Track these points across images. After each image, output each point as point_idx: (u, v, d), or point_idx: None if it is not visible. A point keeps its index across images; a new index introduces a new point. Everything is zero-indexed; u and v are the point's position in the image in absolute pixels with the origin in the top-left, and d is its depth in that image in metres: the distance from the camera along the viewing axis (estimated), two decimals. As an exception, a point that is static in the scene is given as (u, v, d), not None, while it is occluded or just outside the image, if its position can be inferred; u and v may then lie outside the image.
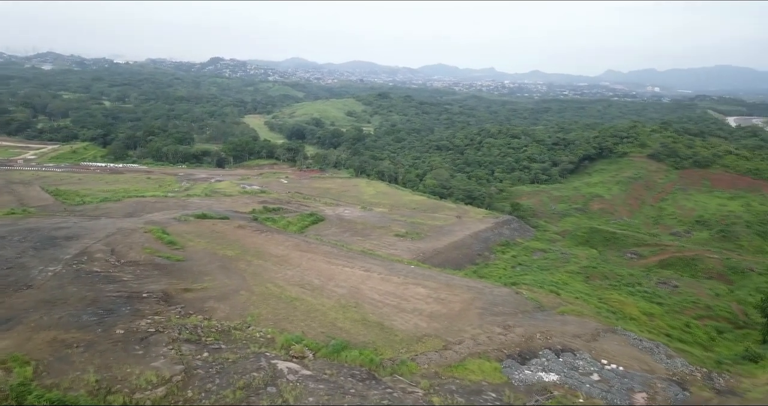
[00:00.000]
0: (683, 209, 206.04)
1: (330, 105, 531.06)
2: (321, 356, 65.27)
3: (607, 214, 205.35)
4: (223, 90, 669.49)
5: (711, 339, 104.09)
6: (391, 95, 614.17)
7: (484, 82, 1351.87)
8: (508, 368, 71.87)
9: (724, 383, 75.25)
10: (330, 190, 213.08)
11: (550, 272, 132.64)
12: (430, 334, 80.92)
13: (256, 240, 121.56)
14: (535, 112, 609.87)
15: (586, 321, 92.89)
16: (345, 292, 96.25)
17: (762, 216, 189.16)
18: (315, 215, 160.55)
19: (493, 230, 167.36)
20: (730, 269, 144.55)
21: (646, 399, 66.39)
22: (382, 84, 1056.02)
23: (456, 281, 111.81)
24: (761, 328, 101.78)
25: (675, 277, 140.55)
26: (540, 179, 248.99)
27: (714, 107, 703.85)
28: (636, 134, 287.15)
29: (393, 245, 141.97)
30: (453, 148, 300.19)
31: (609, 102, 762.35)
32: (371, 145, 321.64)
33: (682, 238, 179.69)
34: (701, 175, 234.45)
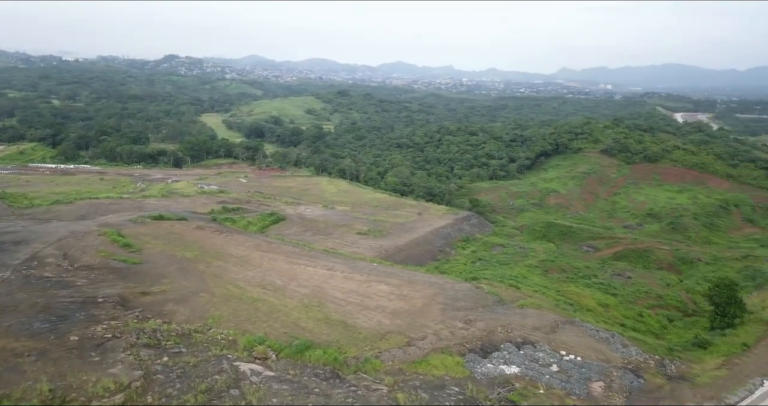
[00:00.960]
0: (635, 203, 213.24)
1: (289, 103, 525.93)
2: (284, 356, 64.94)
3: (563, 208, 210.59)
4: (179, 88, 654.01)
5: (663, 327, 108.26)
6: (351, 93, 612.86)
7: (442, 80, 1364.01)
8: (470, 362, 73.14)
9: (676, 370, 78.60)
10: (291, 189, 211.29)
11: (509, 266, 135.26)
12: (393, 331, 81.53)
13: (215, 241, 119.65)
14: (492, 109, 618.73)
15: (545, 314, 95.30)
16: (308, 291, 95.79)
17: (708, 208, 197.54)
18: (276, 215, 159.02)
19: (453, 226, 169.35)
20: (680, 259, 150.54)
21: (603, 388, 68.73)
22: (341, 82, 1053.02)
23: (418, 277, 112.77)
24: (709, 315, 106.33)
25: (629, 268, 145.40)
26: (498, 175, 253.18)
27: (663, 104, 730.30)
28: (590, 130, 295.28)
29: (355, 243, 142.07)
30: (413, 145, 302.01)
31: (564, 99, 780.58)
32: (332, 143, 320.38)
33: (634, 230, 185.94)
34: (651, 170, 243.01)
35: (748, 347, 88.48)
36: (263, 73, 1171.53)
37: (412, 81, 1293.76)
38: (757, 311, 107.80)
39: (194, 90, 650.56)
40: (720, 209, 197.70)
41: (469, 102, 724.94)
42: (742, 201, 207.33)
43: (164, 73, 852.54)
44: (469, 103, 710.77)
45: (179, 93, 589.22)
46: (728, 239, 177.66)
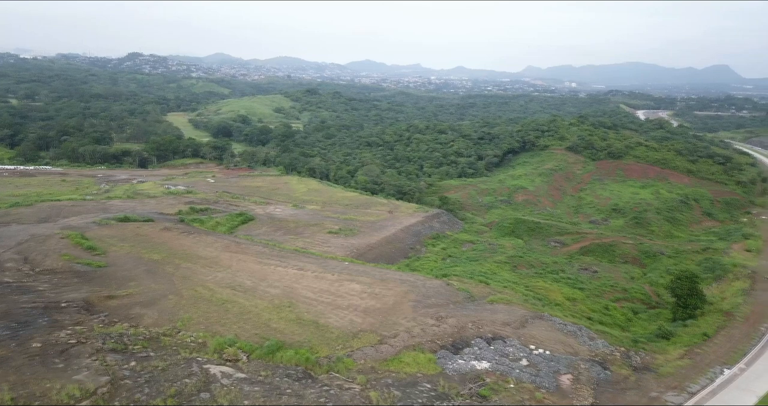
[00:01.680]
0: (600, 198, 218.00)
1: (257, 102, 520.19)
2: (255, 357, 64.49)
3: (531, 205, 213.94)
4: (144, 87, 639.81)
5: (628, 320, 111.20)
6: (320, 91, 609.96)
7: (411, 78, 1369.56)
8: (442, 359, 73.95)
9: (641, 361, 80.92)
10: (260, 188, 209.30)
11: (479, 262, 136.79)
12: (365, 329, 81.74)
13: (183, 242, 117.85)
14: (461, 107, 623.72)
15: (515, 309, 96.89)
16: (278, 292, 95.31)
17: (669, 203, 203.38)
18: (245, 215, 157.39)
19: (423, 223, 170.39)
20: (643, 253, 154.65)
21: (571, 380, 70.29)
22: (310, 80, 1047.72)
23: (390, 275, 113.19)
24: (671, 307, 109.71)
25: (595, 263, 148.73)
26: (467, 173, 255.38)
27: (625, 101, 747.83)
28: (556, 128, 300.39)
29: (326, 242, 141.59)
30: (383, 144, 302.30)
31: (530, 97, 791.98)
32: (301, 142, 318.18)
33: (600, 225, 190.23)
34: (615, 166, 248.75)
35: (709, 337, 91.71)
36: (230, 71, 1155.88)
37: (380, 79, 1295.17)
38: (717, 302, 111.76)
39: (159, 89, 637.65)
40: (681, 204, 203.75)
41: (437, 100, 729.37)
42: (701, 196, 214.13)
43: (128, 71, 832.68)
44: (437, 101, 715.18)
45: (144, 92, 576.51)
46: (689, 233, 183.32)
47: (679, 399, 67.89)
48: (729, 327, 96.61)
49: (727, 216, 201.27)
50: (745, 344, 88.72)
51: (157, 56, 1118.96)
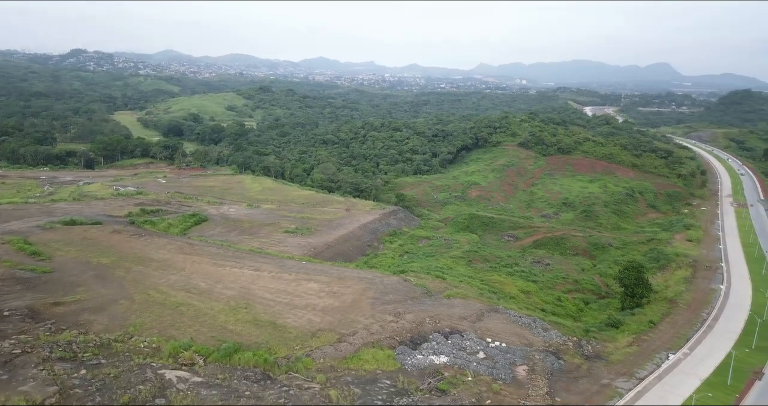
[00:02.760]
0: (551, 193, 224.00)
1: (209, 99, 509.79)
2: (212, 360, 63.58)
3: (484, 200, 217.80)
4: (88, 85, 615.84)
5: (579, 310, 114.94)
6: (273, 89, 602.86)
7: (365, 76, 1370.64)
8: (401, 355, 74.82)
9: (592, 349, 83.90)
10: (213, 188, 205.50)
11: (435, 258, 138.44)
12: (324, 328, 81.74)
13: (134, 245, 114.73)
14: (415, 105, 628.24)
15: (471, 303, 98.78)
16: (234, 293, 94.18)
17: (616, 196, 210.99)
18: (198, 215, 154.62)
19: (380, 220, 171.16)
20: (593, 245, 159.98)
21: (526, 371, 72.31)
22: (263, 77, 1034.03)
23: (348, 273, 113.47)
24: (620, 297, 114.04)
25: (547, 256, 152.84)
26: (422, 170, 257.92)
27: (573, 98, 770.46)
28: (507, 124, 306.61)
29: (283, 241, 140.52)
30: (338, 141, 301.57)
31: (482, 94, 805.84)
32: (255, 140, 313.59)
33: (551, 219, 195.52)
34: (565, 161, 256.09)
35: (655, 324, 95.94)
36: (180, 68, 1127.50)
37: (335, 76, 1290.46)
38: (662, 290, 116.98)
39: (105, 87, 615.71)
40: (627, 197, 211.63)
41: (392, 98, 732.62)
42: (646, 188, 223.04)
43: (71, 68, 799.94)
44: (392, 98, 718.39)
45: (89, 90, 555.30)
46: (635, 224, 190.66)
47: (628, 385, 70.88)
48: (673, 314, 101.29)
49: (670, 208, 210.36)
50: (688, 329, 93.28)
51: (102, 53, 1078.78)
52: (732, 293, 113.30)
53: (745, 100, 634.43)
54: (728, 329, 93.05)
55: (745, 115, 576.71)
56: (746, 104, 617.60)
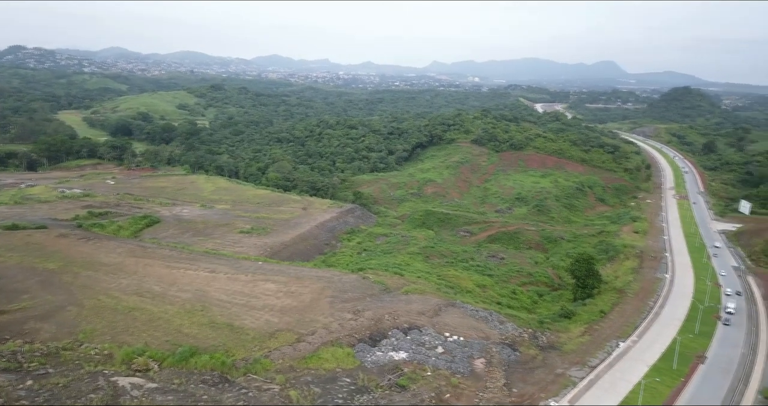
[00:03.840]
0: (504, 188, 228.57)
1: (159, 98, 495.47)
2: (168, 365, 62.16)
3: (440, 197, 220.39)
4: (29, 83, 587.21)
5: (534, 302, 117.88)
6: (226, 87, 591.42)
7: (319, 74, 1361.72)
8: (360, 352, 75.08)
9: (546, 340, 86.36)
10: (165, 189, 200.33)
11: (393, 255, 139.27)
12: (282, 328, 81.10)
13: (82, 249, 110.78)
14: (370, 102, 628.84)
15: (429, 298, 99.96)
16: (190, 296, 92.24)
17: (567, 190, 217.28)
18: (150, 217, 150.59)
19: (338, 219, 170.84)
20: (545, 238, 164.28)
21: (484, 364, 73.82)
22: (214, 75, 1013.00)
23: (305, 272, 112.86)
24: (572, 288, 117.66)
25: (502, 250, 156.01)
26: (378, 168, 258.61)
27: (524, 95, 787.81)
28: (461, 121, 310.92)
29: (238, 242, 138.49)
30: (294, 139, 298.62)
31: (436, 92, 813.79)
32: (207, 140, 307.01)
33: (505, 214, 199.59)
34: (517, 157, 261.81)
35: (605, 314, 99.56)
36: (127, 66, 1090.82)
37: (288, 74, 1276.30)
38: (611, 281, 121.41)
39: (47, 85, 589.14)
40: (577, 191, 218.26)
41: (347, 95, 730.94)
42: (594, 183, 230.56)
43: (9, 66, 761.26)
44: (347, 96, 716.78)
45: (29, 88, 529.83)
46: (585, 218, 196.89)
47: (581, 373, 73.35)
48: (622, 303, 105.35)
49: (617, 201, 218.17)
50: (636, 318, 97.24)
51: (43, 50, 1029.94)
52: (676, 281, 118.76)
53: (684, 96, 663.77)
54: (673, 316, 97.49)
55: (685, 111, 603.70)
56: (686, 101, 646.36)
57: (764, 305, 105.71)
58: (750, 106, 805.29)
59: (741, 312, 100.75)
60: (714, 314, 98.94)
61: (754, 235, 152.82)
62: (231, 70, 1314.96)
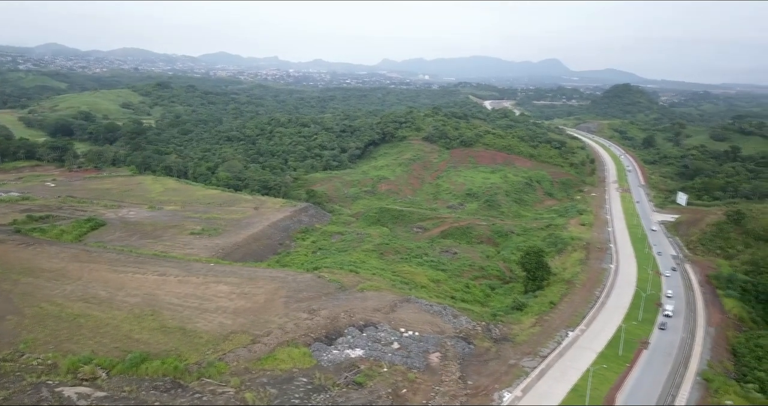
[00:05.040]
0: (456, 184, 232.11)
1: (101, 97, 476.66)
2: (117, 373, 60.31)
3: (393, 194, 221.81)
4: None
5: (486, 296, 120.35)
6: (172, 85, 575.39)
7: (269, 71, 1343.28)
8: (316, 351, 74.91)
9: (499, 332, 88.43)
10: (110, 190, 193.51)
11: (348, 253, 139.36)
12: (236, 330, 79.98)
13: (21, 255, 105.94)
14: (321, 100, 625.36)
15: (384, 294, 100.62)
16: (139, 300, 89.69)
17: (516, 186, 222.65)
18: (94, 220, 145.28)
19: (291, 218, 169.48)
20: (496, 233, 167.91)
21: (439, 358, 74.97)
22: (160, 73, 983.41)
23: (259, 273, 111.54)
24: (523, 280, 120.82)
25: (454, 245, 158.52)
26: (331, 166, 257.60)
27: (473, 93, 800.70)
28: (412, 119, 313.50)
29: (189, 244, 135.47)
30: (244, 138, 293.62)
31: (387, 90, 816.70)
32: (154, 139, 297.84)
33: (457, 210, 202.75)
34: (467, 154, 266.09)
35: (555, 305, 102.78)
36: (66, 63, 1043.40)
37: (237, 72, 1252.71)
38: (560, 273, 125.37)
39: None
40: (526, 186, 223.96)
41: (297, 93, 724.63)
42: (542, 177, 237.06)
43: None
44: (297, 94, 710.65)
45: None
46: (534, 212, 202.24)
47: (533, 363, 75.53)
48: (570, 294, 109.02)
49: (564, 195, 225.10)
50: (584, 307, 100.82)
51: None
52: (620, 271, 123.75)
53: (625, 93, 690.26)
54: (618, 304, 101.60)
55: (626, 107, 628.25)
56: (626, 97, 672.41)
57: (701, 291, 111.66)
58: (685, 102, 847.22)
59: (680, 298, 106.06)
60: (656, 301, 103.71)
61: (691, 225, 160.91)
62: (177, 68, 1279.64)
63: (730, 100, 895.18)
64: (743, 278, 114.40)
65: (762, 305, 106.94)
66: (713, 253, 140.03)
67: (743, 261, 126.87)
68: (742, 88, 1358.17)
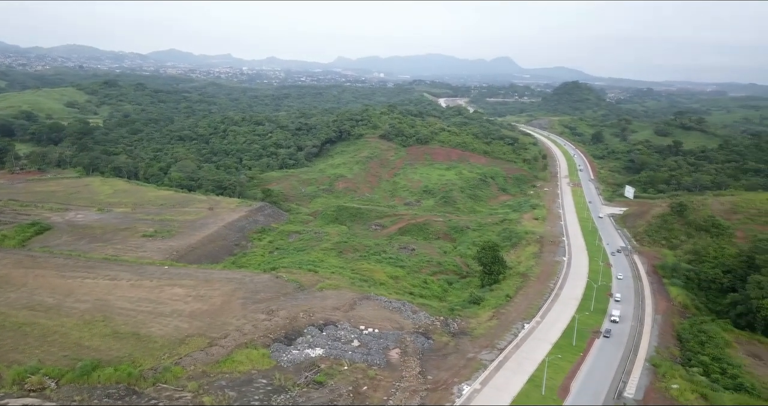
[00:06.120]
0: (412, 182, 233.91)
1: (44, 95, 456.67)
2: (67, 382, 58.18)
3: (351, 192, 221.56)
4: None
5: (444, 291, 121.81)
6: (120, 83, 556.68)
7: (222, 69, 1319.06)
8: (276, 352, 74.22)
9: (458, 327, 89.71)
10: (56, 193, 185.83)
11: (306, 252, 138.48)
12: (193, 334, 78.36)
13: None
14: (276, 98, 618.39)
15: (344, 293, 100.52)
16: (89, 306, 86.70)
17: (471, 182, 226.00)
18: (39, 224, 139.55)
19: (247, 218, 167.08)
20: (452, 228, 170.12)
21: (399, 354, 75.50)
22: (107, 71, 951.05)
23: (215, 274, 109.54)
24: (479, 275, 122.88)
25: (412, 241, 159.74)
26: (288, 164, 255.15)
27: (428, 90, 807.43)
28: (368, 117, 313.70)
29: (141, 246, 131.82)
30: (197, 137, 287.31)
31: (343, 87, 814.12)
32: (102, 139, 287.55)
33: (414, 207, 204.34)
34: (423, 151, 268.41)
35: (511, 298, 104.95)
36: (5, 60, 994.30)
37: (189, 70, 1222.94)
38: (515, 266, 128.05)
39: None
40: (480, 182, 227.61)
41: (251, 91, 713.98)
42: (496, 174, 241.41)
43: None
44: (251, 92, 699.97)
45: None
46: (488, 207, 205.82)
47: (490, 356, 76.96)
48: (526, 287, 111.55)
49: (518, 190, 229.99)
50: (539, 299, 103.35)
51: None
52: (573, 263, 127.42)
53: (574, 90, 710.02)
54: (571, 296, 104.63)
55: (575, 104, 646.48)
56: (575, 94, 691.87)
57: (648, 281, 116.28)
58: (630, 98, 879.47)
59: (629, 289, 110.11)
60: (607, 292, 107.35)
61: (638, 217, 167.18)
62: (126, 66, 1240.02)
63: (671, 97, 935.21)
64: (686, 267, 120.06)
65: (704, 292, 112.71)
66: (659, 243, 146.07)
67: (686, 251, 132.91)
68: (682, 85, 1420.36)
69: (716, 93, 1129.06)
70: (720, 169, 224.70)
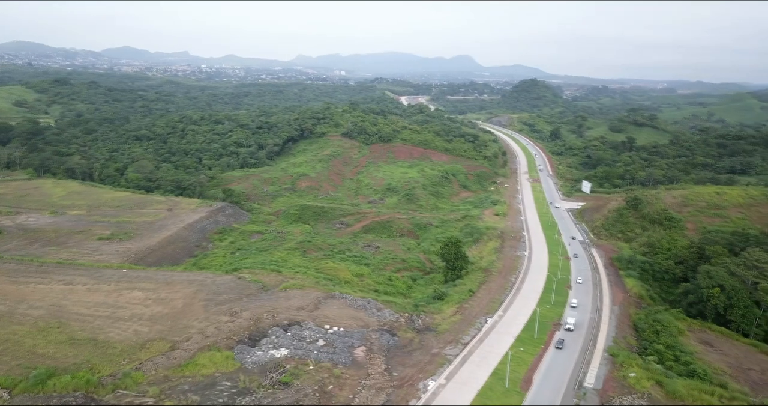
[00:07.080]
0: (375, 180, 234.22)
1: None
2: (20, 391, 56.28)
3: (314, 190, 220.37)
4: None
5: (408, 287, 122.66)
6: (72, 81, 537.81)
7: (179, 67, 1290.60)
8: (240, 354, 73.37)
9: (422, 323, 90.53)
10: (4, 195, 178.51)
11: (269, 252, 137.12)
12: (153, 338, 76.68)
13: None
14: (235, 96, 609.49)
15: (308, 292, 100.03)
16: (43, 312, 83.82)
17: (433, 179, 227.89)
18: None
19: (208, 218, 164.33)
20: (416, 225, 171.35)
21: (364, 352, 75.71)
22: (58, 69, 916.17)
23: (175, 277, 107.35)
24: (442, 271, 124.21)
25: (376, 239, 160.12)
26: (249, 163, 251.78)
27: (390, 88, 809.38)
28: (331, 115, 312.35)
29: (98, 249, 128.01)
30: (154, 137, 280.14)
31: (304, 85, 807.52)
32: (54, 140, 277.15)
33: (377, 204, 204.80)
34: (386, 149, 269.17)
35: (474, 293, 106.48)
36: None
37: (145, 68, 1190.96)
38: (477, 261, 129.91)
39: None
40: (442, 179, 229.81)
41: (210, 89, 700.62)
42: (457, 171, 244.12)
43: None
44: (210, 90, 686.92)
45: None
46: (450, 204, 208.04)
47: (455, 351, 77.98)
48: (488, 282, 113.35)
49: (479, 186, 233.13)
50: (501, 294, 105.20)
51: None
52: (533, 258, 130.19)
53: (532, 88, 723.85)
54: (532, 289, 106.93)
55: (533, 101, 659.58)
56: (533, 92, 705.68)
57: (606, 273, 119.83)
58: (585, 96, 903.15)
59: (587, 282, 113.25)
60: (566, 284, 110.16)
61: (595, 211, 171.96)
62: (78, 63, 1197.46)
63: (625, 95, 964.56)
64: (641, 259, 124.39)
65: (658, 283, 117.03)
66: (615, 237, 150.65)
67: (641, 243, 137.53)
68: (635, 83, 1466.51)
69: (666, 90, 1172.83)
70: (671, 164, 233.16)
